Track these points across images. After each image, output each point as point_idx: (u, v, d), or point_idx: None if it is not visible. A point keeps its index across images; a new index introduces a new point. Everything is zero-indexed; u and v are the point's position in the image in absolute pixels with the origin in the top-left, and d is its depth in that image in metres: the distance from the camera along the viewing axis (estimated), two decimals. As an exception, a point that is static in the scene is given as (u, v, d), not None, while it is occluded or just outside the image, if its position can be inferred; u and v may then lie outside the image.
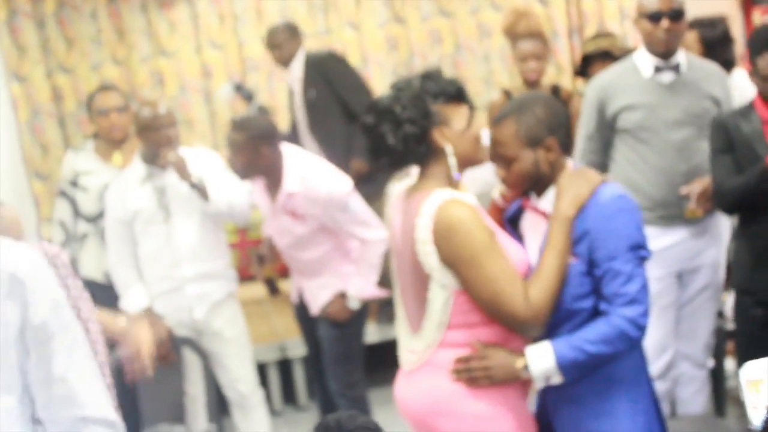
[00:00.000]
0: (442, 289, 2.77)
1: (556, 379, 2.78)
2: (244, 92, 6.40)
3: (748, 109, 3.83)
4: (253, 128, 4.25)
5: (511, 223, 3.03)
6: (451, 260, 2.73)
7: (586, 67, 5.33)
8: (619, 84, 4.19)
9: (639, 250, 2.77)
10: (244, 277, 6.18)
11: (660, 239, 4.20)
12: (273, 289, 6.56)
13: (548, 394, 2.92)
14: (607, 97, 4.20)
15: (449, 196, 2.76)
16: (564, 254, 2.74)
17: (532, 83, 5.21)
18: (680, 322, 4.36)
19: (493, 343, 2.80)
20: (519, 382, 2.83)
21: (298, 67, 6.12)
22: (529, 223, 2.95)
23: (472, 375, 2.78)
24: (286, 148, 4.41)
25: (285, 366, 5.93)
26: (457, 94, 2.87)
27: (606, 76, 4.30)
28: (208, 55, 7.26)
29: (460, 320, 2.80)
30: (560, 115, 2.89)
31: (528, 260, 2.86)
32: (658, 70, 4.14)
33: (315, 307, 4.53)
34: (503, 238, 2.84)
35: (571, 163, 2.90)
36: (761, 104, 3.78)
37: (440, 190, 2.79)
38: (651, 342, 4.22)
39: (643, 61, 4.17)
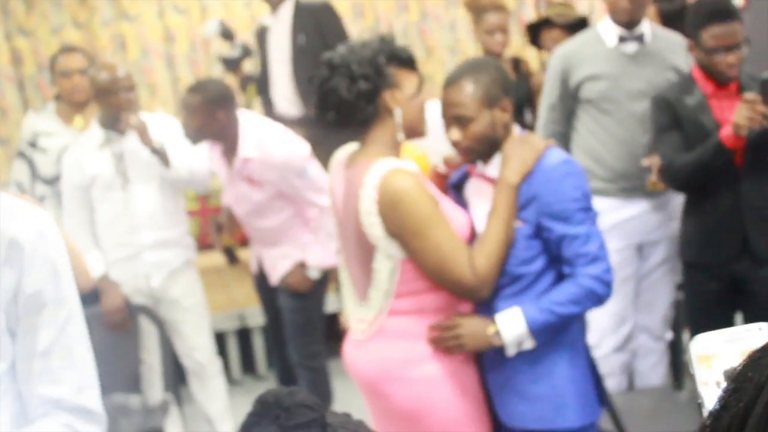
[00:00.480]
0: (387, 259, 2.78)
1: (528, 344, 2.79)
2: (225, 31, 6.29)
3: (688, 83, 3.79)
4: (208, 92, 4.22)
5: (455, 189, 3.03)
6: (396, 231, 2.73)
7: (535, 36, 5.33)
8: (583, 54, 4.16)
9: (590, 211, 2.81)
10: (204, 245, 6.13)
11: (620, 211, 4.19)
12: (232, 258, 6.51)
13: (486, 359, 2.92)
14: (570, 67, 4.17)
15: (392, 166, 2.75)
16: (509, 221, 2.76)
17: (496, 56, 5.17)
18: (639, 294, 4.36)
19: (438, 310, 2.82)
20: (467, 353, 2.85)
21: (287, 10, 5.96)
22: (475, 189, 2.95)
23: (445, 344, 2.80)
24: (243, 114, 4.38)
25: (244, 335, 5.89)
26: (409, 61, 2.87)
27: (570, 46, 4.27)
28: (170, 19, 7.17)
29: (406, 288, 2.81)
30: (510, 78, 2.93)
31: (472, 226, 2.87)
32: (622, 40, 4.11)
33: (275, 277, 4.49)
34: (447, 205, 2.84)
35: (517, 130, 2.91)
36: (702, 77, 3.74)
37: (383, 159, 2.77)
38: (610, 314, 4.23)
39: (607, 30, 4.14)
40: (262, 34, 6.11)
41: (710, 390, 1.16)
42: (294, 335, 4.59)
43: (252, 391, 5.61)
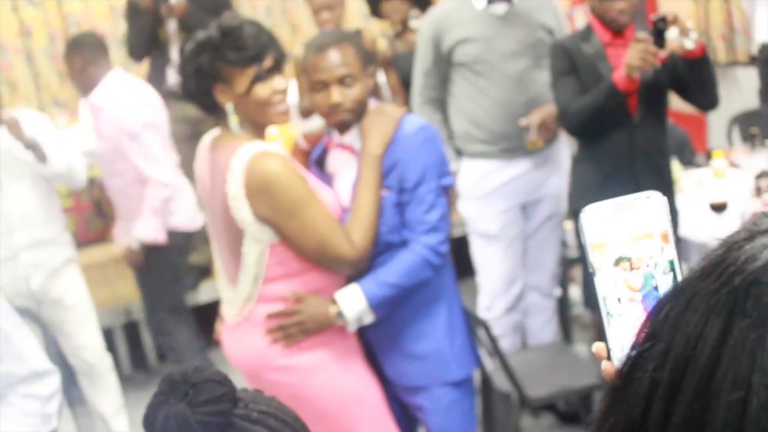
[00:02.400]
0: (255, 243, 2.76)
1: (368, 319, 2.84)
2: None
3: (587, 32, 3.84)
4: (72, 39, 4.60)
5: (317, 164, 3.04)
6: (268, 214, 2.70)
7: (375, 7, 5.36)
8: (453, 17, 4.17)
9: (442, 178, 2.87)
10: (83, 241, 5.98)
11: (503, 172, 4.22)
12: None
13: (369, 329, 2.96)
14: (441, 31, 4.17)
15: (259, 149, 2.71)
16: (377, 192, 2.80)
17: (395, 24, 5.16)
18: (527, 253, 4.41)
19: (311, 292, 2.82)
20: (340, 327, 2.86)
21: None
22: (338, 161, 2.97)
23: (286, 332, 2.81)
24: (117, 71, 4.63)
25: (132, 329, 5.77)
26: (241, 60, 2.74)
27: (440, 10, 4.28)
28: (26, 13, 6.93)
29: (276, 272, 2.79)
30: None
31: (339, 202, 2.88)
32: (490, 1, 4.13)
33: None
34: (314, 183, 2.83)
35: (372, 100, 2.94)
36: (599, 26, 3.79)
37: (248, 143, 2.74)
38: (500, 275, 4.28)
39: (476, -7, 4.16)
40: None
41: (604, 276, 1.17)
42: (145, 311, 4.79)
43: (144, 386, 5.52)
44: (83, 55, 4.55)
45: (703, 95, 3.77)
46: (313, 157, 3.06)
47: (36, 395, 2.42)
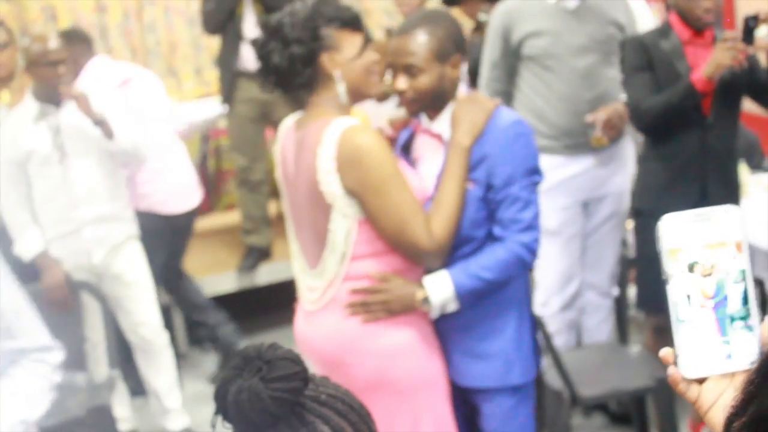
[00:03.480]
0: (344, 219, 2.71)
1: (452, 307, 2.78)
2: None
3: (665, 28, 3.80)
4: (69, 38, 4.56)
5: (403, 150, 3.00)
6: (356, 188, 2.67)
7: None
8: (524, 10, 4.14)
9: (534, 175, 2.80)
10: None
11: (566, 168, 4.19)
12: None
13: (438, 321, 2.91)
14: (511, 24, 4.14)
15: (351, 123, 2.70)
16: (463, 184, 2.74)
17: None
18: (586, 251, 4.37)
19: (395, 272, 2.77)
20: (423, 313, 2.81)
21: None
22: (424, 147, 2.92)
23: (369, 309, 2.76)
24: (97, 58, 4.83)
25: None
26: (351, 21, 2.78)
27: (511, 3, 4.24)
28: (101, -11, 7.02)
29: (363, 250, 2.75)
30: (463, 34, 2.89)
31: (425, 190, 2.82)
32: (562, -5, 4.10)
33: None
34: (404, 166, 2.79)
35: (463, 87, 2.88)
36: (679, 23, 3.74)
37: (340, 117, 2.72)
38: (557, 272, 4.25)
39: (548, -14, 4.12)
40: None
41: (677, 282, 1.21)
42: None
43: (198, 364, 5.58)
44: (70, 50, 4.43)
45: None
46: (400, 142, 3.02)
47: (46, 361, 2.63)
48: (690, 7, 3.66)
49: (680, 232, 1.22)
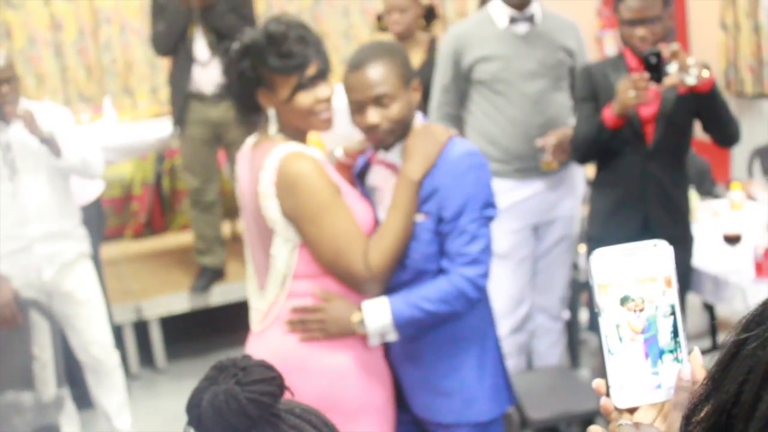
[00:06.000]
0: (285, 243, 2.73)
1: (392, 336, 2.76)
2: None
3: (618, 59, 3.81)
4: None
5: (359, 178, 2.98)
6: (293, 214, 2.68)
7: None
8: (474, 35, 4.17)
9: (486, 209, 2.76)
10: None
11: (516, 192, 4.22)
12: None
13: (393, 351, 2.90)
14: (462, 48, 4.17)
15: (293, 149, 2.70)
16: (409, 216, 2.71)
17: (399, 36, 5.06)
18: (536, 274, 4.40)
19: (338, 293, 2.77)
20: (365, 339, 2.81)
21: None
22: (380, 177, 2.90)
23: (306, 327, 2.75)
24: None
25: (141, 328, 5.78)
26: (283, 69, 2.71)
27: (461, 27, 4.28)
28: (57, 6, 7.00)
29: (305, 270, 2.75)
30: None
31: (375, 218, 2.83)
32: (513, 21, 4.13)
33: None
34: (350, 195, 2.78)
35: (419, 116, 2.85)
36: (630, 55, 3.75)
37: (284, 143, 2.73)
38: (507, 295, 4.27)
39: (498, 12, 4.16)
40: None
41: (608, 315, 1.25)
42: None
43: (150, 385, 5.54)
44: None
45: (719, 131, 3.75)
46: (356, 170, 3.00)
47: None
48: (628, 36, 3.67)
49: (611, 267, 1.26)
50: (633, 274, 1.25)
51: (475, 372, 2.87)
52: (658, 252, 1.25)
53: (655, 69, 3.43)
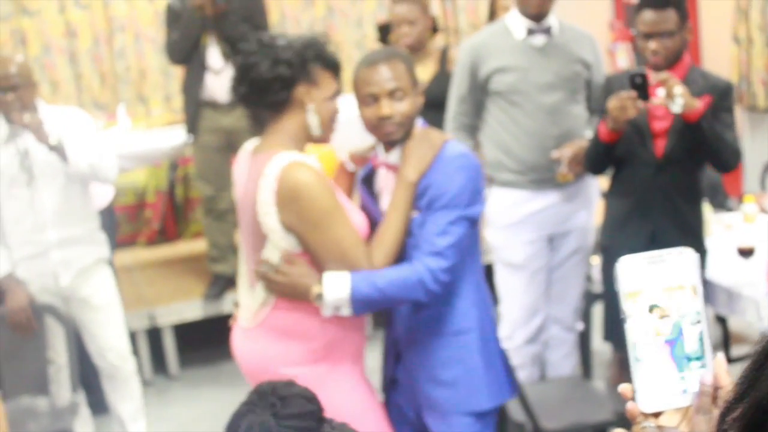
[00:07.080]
0: (276, 251, 2.80)
1: (345, 311, 2.81)
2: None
3: (642, 71, 3.83)
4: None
5: (365, 183, 3.06)
6: (295, 223, 2.76)
7: (385, 36, 5.39)
8: (492, 46, 4.19)
9: (467, 209, 2.83)
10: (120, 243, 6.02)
11: (531, 203, 4.23)
12: None
13: (392, 339, 3.01)
14: (479, 59, 4.19)
15: (294, 159, 2.77)
16: (405, 216, 2.82)
17: (409, 48, 5.07)
18: (551, 285, 4.41)
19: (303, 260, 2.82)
20: (351, 347, 2.91)
21: None
22: (385, 180, 2.99)
23: (267, 282, 2.82)
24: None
25: (155, 334, 5.80)
26: (335, 66, 2.90)
27: (478, 38, 4.30)
28: (72, 14, 7.03)
29: None
30: None
31: (369, 226, 2.92)
32: (530, 32, 4.15)
33: None
34: (345, 203, 2.87)
35: (419, 122, 2.95)
36: (649, 68, 3.77)
37: (285, 152, 2.80)
38: (522, 306, 4.28)
39: (516, 23, 4.17)
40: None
41: (636, 323, 1.27)
42: None
43: (163, 391, 5.55)
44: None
45: (710, 158, 3.78)
46: (360, 177, 3.08)
47: None
48: (642, 49, 3.72)
49: (638, 275, 1.28)
50: (660, 282, 1.27)
51: (477, 361, 2.97)
52: (685, 259, 1.28)
53: (641, 89, 3.49)
